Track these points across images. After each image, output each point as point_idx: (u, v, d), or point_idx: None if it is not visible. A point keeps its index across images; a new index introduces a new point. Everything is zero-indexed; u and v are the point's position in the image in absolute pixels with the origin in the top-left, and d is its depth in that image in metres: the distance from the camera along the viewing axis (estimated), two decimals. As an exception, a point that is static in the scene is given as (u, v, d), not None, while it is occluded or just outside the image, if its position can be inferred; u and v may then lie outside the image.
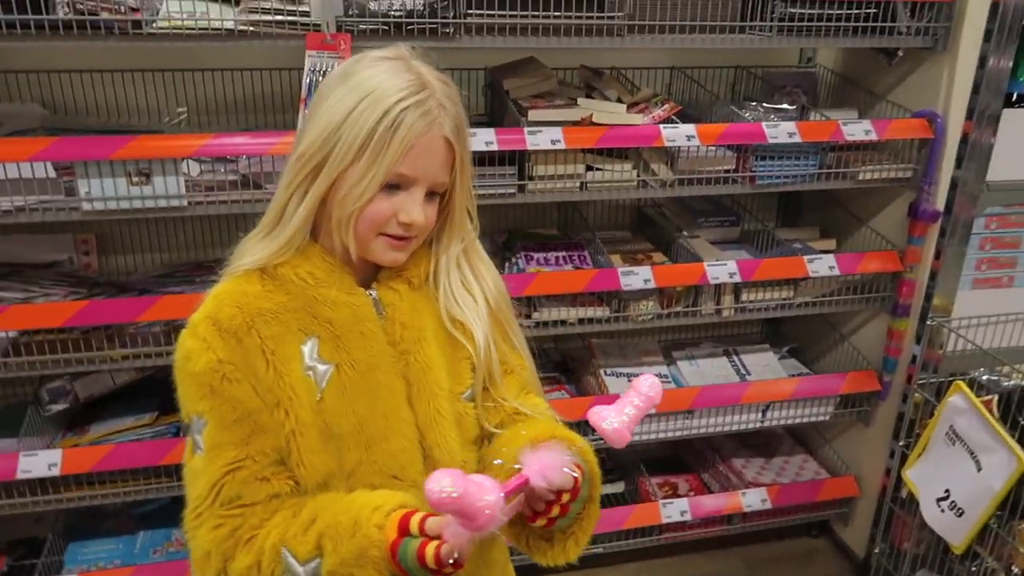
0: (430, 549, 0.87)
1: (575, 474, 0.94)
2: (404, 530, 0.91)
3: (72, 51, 2.09)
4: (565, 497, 0.95)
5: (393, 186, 1.02)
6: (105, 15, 1.67)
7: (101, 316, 1.84)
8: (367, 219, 1.02)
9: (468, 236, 1.14)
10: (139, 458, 1.97)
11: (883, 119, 2.19)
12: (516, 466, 0.91)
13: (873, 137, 2.13)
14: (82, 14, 1.65)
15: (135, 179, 1.77)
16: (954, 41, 2.08)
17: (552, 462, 0.91)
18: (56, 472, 1.90)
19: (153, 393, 2.20)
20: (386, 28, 1.79)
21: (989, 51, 1.99)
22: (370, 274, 1.11)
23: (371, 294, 1.09)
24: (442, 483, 0.80)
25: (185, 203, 1.81)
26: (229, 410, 1.00)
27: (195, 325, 1.02)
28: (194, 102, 2.21)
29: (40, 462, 1.90)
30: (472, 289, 1.14)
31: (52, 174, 1.77)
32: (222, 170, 1.92)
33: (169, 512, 2.29)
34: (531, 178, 1.99)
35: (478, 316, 1.13)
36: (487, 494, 0.81)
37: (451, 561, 0.86)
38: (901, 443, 2.28)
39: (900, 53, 2.22)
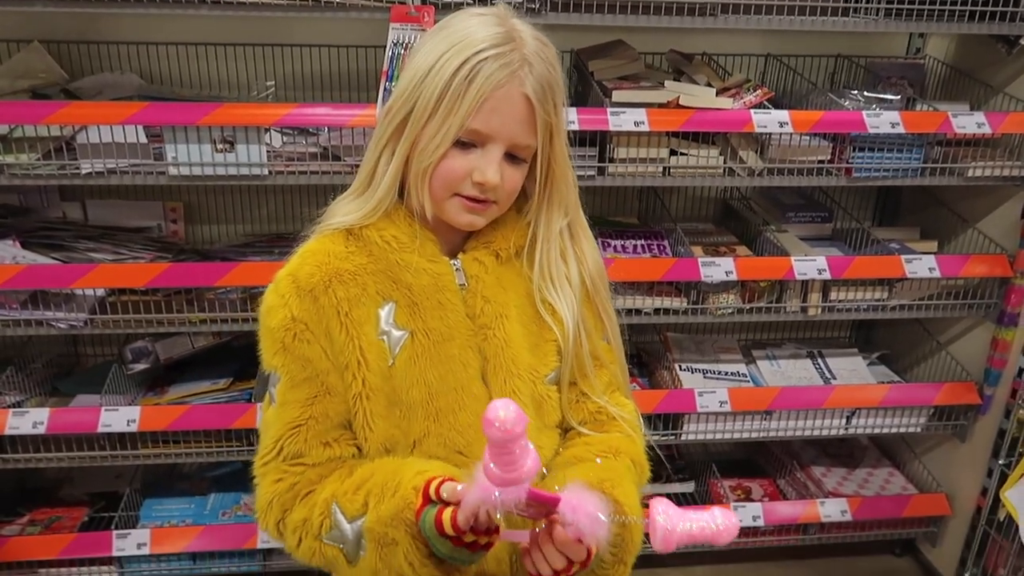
0: (447, 515, 0.86)
1: (601, 532, 0.84)
2: (427, 497, 0.90)
3: (169, 24, 2.16)
4: (575, 568, 0.91)
5: (468, 143, 0.98)
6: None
7: (181, 279, 1.89)
8: (440, 177, 0.99)
9: (572, 210, 1.09)
10: (212, 420, 2.02)
11: (998, 112, 2.03)
12: (557, 487, 0.88)
13: (986, 131, 1.97)
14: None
15: (219, 146, 1.80)
16: (1084, 28, 1.91)
17: (590, 507, 0.84)
18: (134, 428, 1.97)
19: (230, 359, 2.25)
20: (471, 1, 1.76)
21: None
22: (458, 243, 1.08)
23: (455, 264, 1.07)
24: (507, 410, 0.77)
25: (266, 172, 1.84)
26: (299, 369, 1.01)
27: (278, 281, 1.03)
28: (282, 77, 2.24)
29: (120, 417, 1.97)
30: (570, 268, 1.10)
31: (143, 139, 1.83)
32: (303, 142, 1.94)
33: (240, 476, 2.35)
34: (612, 160, 1.93)
35: (571, 300, 1.09)
36: (528, 457, 0.79)
37: (471, 529, 0.85)
38: (1001, 462, 2.12)
39: (1022, 42, 2.05)
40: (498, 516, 0.85)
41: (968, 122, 1.96)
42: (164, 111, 1.76)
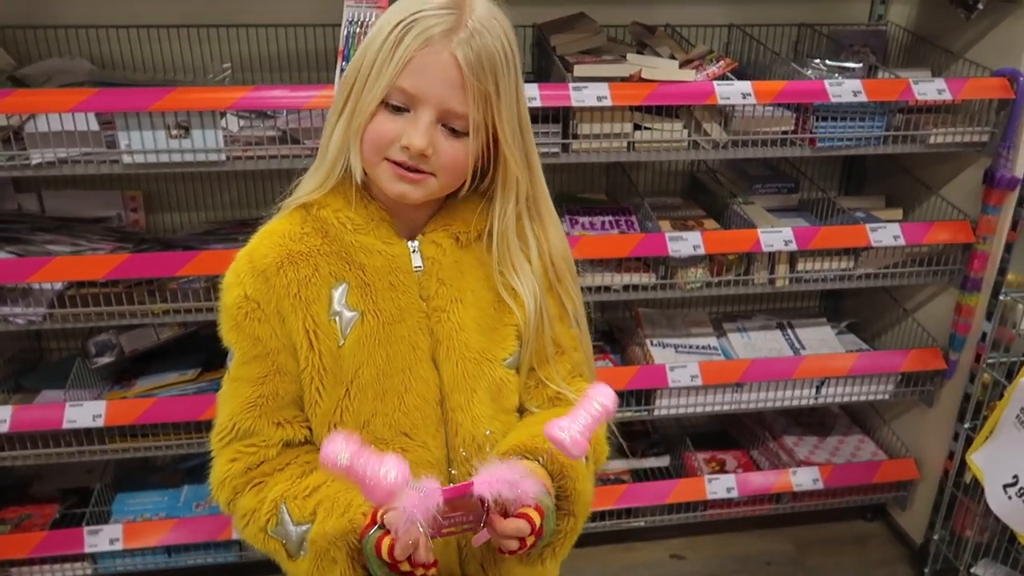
0: (386, 541, 0.89)
1: (529, 489, 0.91)
2: (374, 519, 0.92)
3: (120, 6, 2.10)
4: (529, 540, 0.93)
5: (400, 107, 0.97)
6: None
7: (141, 269, 1.85)
8: (369, 139, 0.98)
9: (531, 191, 1.06)
10: (180, 412, 1.98)
11: (959, 78, 2.04)
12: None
13: (947, 97, 1.98)
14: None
15: (174, 132, 1.76)
16: (1042, -9, 1.92)
17: (503, 476, 0.89)
18: (100, 423, 1.93)
19: (198, 349, 2.22)
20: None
21: (1081, 2, 1.82)
22: (418, 226, 1.07)
23: (412, 246, 1.05)
24: (338, 448, 0.85)
25: (224, 157, 1.80)
26: (249, 346, 1.02)
27: (238, 259, 1.04)
28: (239, 59, 2.19)
29: (85, 413, 1.93)
30: (530, 252, 1.08)
31: (95, 127, 1.78)
32: (261, 125, 1.90)
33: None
34: (576, 137, 1.91)
35: (532, 284, 1.07)
36: (384, 467, 0.83)
37: (408, 560, 0.89)
38: (967, 425, 2.14)
39: (980, 6, 2.05)
40: (426, 536, 0.87)
41: (929, 89, 1.96)
42: (115, 97, 1.71)
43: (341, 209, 1.03)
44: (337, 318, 1.02)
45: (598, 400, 0.96)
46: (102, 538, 2.09)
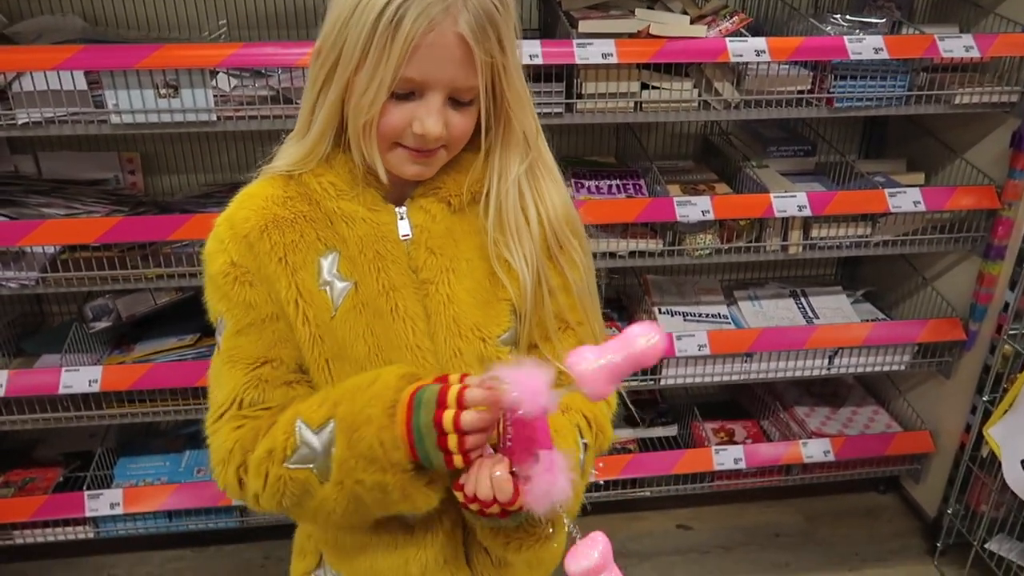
0: (448, 414, 0.83)
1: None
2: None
3: (112, -39, 2.04)
4: (494, 509, 0.86)
5: (405, 93, 0.90)
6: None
7: (134, 233, 1.81)
8: (379, 131, 0.92)
9: (532, 153, 1.00)
10: (176, 379, 1.96)
11: (988, 34, 1.92)
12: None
13: (975, 55, 1.87)
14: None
15: (163, 91, 1.70)
16: (1080, -61, 1.80)
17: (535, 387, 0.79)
18: (96, 388, 1.91)
19: (197, 314, 2.15)
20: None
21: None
22: (407, 189, 1.00)
23: (400, 211, 0.99)
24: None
25: (215, 117, 1.74)
26: (242, 314, 0.96)
27: (217, 226, 0.98)
28: (235, 17, 2.12)
29: (81, 378, 1.91)
30: (530, 219, 1.00)
31: (82, 86, 1.72)
32: (254, 85, 1.84)
33: (213, 433, 2.31)
34: (580, 96, 1.83)
35: (531, 255, 0.99)
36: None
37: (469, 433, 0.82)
38: (985, 398, 2.07)
39: (1014, -43, 1.93)
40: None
41: (955, 45, 1.86)
42: (101, 54, 1.65)
43: (323, 174, 0.98)
44: (328, 288, 0.97)
45: (641, 339, 0.81)
46: (103, 502, 2.08)
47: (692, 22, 1.87)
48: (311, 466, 0.90)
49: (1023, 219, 2.00)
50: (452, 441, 0.83)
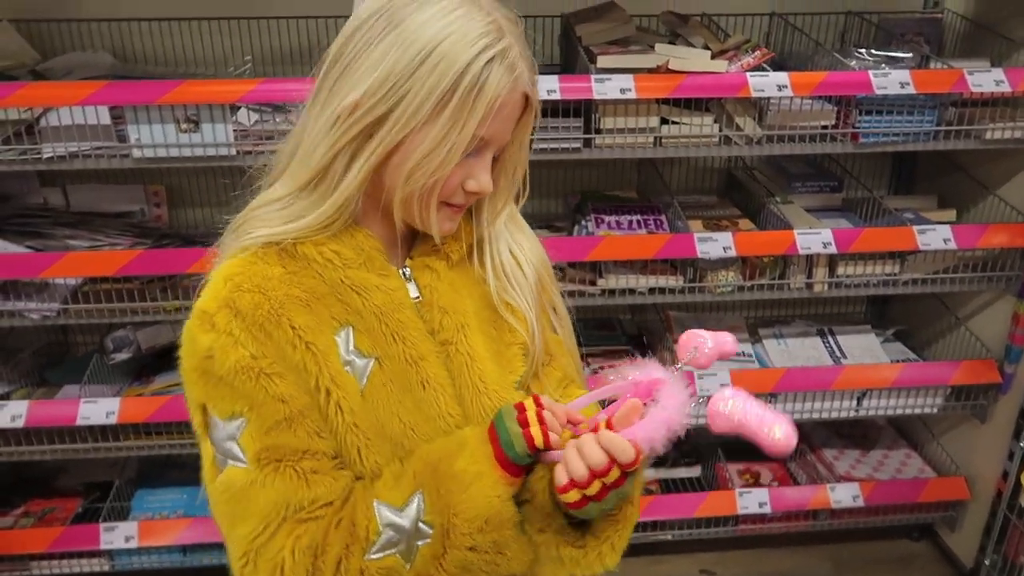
0: (536, 429, 0.83)
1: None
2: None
3: (142, -1, 2.08)
4: (614, 474, 0.79)
5: (468, 152, 0.87)
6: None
7: (152, 266, 1.83)
8: (438, 191, 0.88)
9: (515, 190, 0.99)
10: (192, 411, 1.95)
11: (1020, 67, 1.88)
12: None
13: (1005, 89, 1.83)
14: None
15: (183, 126, 1.72)
16: (1113, -28, 1.75)
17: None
18: (113, 420, 1.92)
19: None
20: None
21: None
22: (400, 249, 0.95)
23: (404, 273, 0.95)
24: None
25: (234, 152, 1.76)
26: (273, 410, 0.85)
27: (209, 315, 0.85)
28: (260, 52, 2.16)
29: (99, 410, 1.92)
30: (519, 261, 0.99)
31: (105, 120, 1.76)
32: (276, 120, 1.85)
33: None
34: (599, 131, 1.82)
35: (529, 295, 0.99)
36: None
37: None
38: (1023, 444, 1.99)
39: (1045, -10, 1.89)
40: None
41: (985, 80, 1.81)
42: (124, 90, 1.68)
43: (324, 243, 0.89)
44: (350, 368, 0.89)
45: (777, 431, 0.80)
46: (118, 535, 2.07)
47: (713, 57, 1.86)
48: (395, 551, 0.84)
49: (1060, 258, 1.93)
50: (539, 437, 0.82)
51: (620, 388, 0.88)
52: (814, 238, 1.91)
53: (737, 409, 0.82)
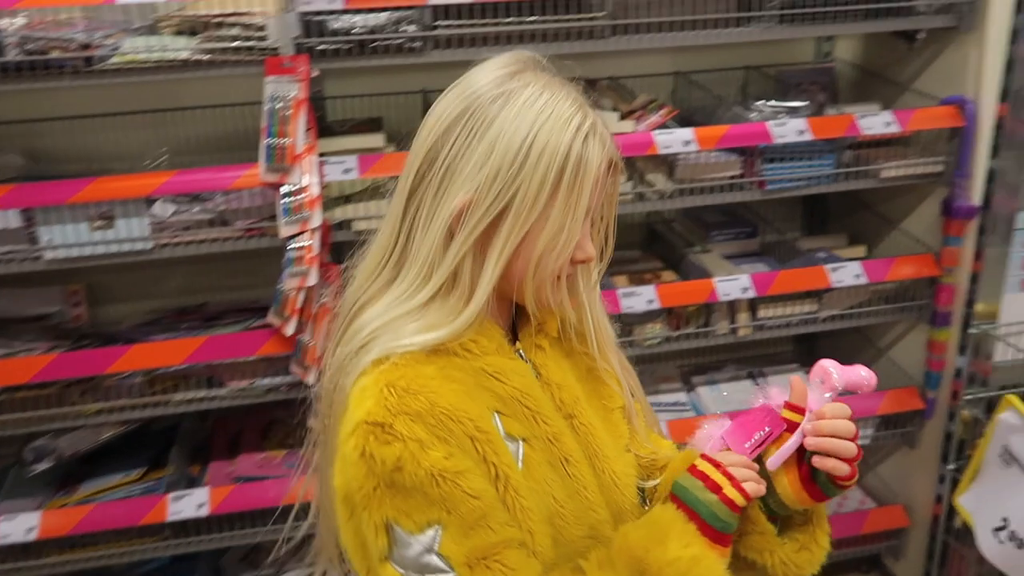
0: (731, 490, 0.89)
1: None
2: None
3: (52, 97, 2.06)
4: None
5: None
6: (56, 53, 1.61)
7: (70, 369, 1.76)
8: (565, 271, 0.93)
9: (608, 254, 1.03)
10: (120, 518, 1.87)
11: (907, 109, 2.00)
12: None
13: (895, 129, 1.94)
14: (32, 55, 1.60)
15: (96, 224, 1.70)
16: (980, 17, 1.89)
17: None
18: (34, 536, 1.82)
19: (145, 446, 2.11)
20: (348, 48, 1.69)
21: (1021, 24, 1.79)
22: (506, 331, 0.98)
23: (520, 354, 0.97)
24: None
25: (150, 246, 1.73)
26: (471, 508, 0.84)
27: (386, 426, 0.83)
28: (175, 144, 2.14)
29: (18, 526, 1.82)
30: (606, 324, 1.03)
31: (15, 223, 1.72)
32: (194, 210, 1.84)
33: (169, 572, 2.19)
34: (516, 197, 1.85)
35: (615, 354, 1.03)
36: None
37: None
38: (951, 466, 2.05)
39: (921, 35, 2.03)
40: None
41: (875, 123, 1.93)
42: (31, 192, 1.65)
43: (463, 333, 0.90)
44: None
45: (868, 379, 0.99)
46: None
47: (622, 118, 1.92)
48: None
49: (964, 284, 2.03)
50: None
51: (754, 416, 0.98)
52: (733, 284, 1.97)
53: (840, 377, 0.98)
